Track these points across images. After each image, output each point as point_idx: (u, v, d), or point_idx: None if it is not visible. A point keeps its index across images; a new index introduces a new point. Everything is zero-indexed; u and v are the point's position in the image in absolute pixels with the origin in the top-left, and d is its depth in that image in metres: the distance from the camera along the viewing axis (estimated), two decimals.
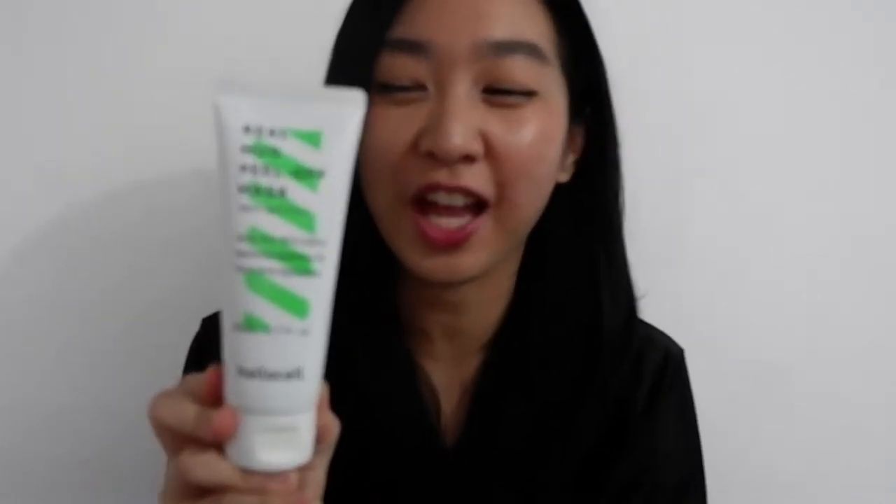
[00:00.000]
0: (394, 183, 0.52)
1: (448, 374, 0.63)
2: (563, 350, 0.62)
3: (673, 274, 0.84)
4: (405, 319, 0.63)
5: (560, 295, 0.62)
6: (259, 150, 0.36)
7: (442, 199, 0.52)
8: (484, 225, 0.53)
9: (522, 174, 0.53)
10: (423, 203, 0.52)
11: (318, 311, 0.37)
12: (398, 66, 0.52)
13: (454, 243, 0.53)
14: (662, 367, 0.65)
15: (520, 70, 0.52)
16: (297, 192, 0.36)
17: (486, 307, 0.62)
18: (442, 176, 0.51)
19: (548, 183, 0.56)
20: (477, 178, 0.52)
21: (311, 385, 0.38)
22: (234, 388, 0.37)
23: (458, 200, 0.52)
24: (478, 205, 0.53)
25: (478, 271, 0.55)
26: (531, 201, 0.55)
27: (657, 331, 0.68)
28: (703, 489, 0.68)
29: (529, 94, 0.52)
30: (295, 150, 0.36)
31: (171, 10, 0.76)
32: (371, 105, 0.49)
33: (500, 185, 0.52)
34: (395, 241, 0.55)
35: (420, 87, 0.52)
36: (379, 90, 0.52)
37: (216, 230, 0.37)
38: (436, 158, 0.50)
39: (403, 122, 0.52)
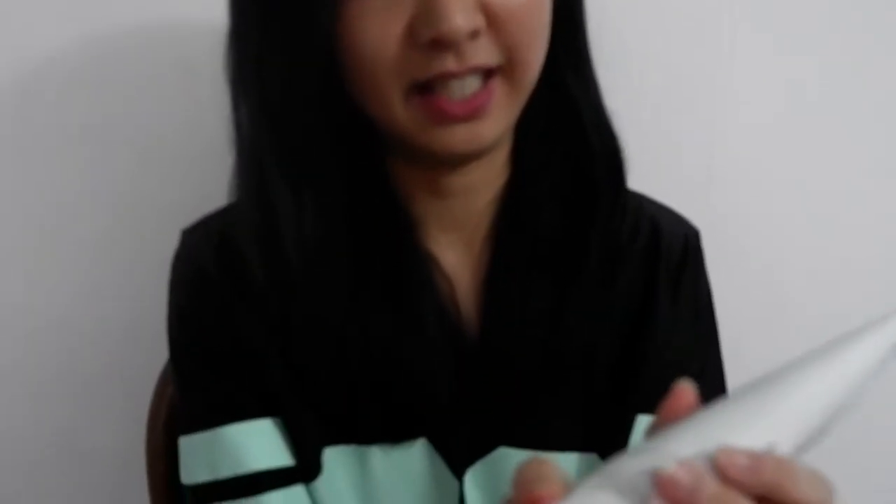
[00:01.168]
0: (396, 81, 0.50)
1: (460, 263, 0.63)
2: (562, 210, 0.62)
3: None
4: (410, 214, 0.61)
5: (546, 152, 0.62)
6: None
7: (455, 88, 0.50)
8: (498, 89, 0.52)
9: (529, 33, 0.51)
10: (432, 90, 0.50)
11: None
12: None
13: (473, 112, 0.51)
14: (683, 251, 0.65)
15: None
16: None
17: (489, 187, 0.62)
18: (450, 63, 0.49)
19: (548, 29, 0.54)
20: (486, 52, 0.50)
21: None
22: None
23: (473, 83, 0.50)
24: (486, 72, 0.51)
25: (498, 136, 0.54)
26: (539, 56, 0.53)
27: (671, 211, 0.68)
28: (722, 373, 0.68)
29: None
30: None
31: None
32: (344, 6, 0.48)
33: (510, 49, 0.50)
34: (407, 130, 0.52)
35: None
36: None
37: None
38: (438, 45, 0.48)
39: (389, 16, 0.49)
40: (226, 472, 0.59)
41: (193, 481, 0.60)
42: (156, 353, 0.67)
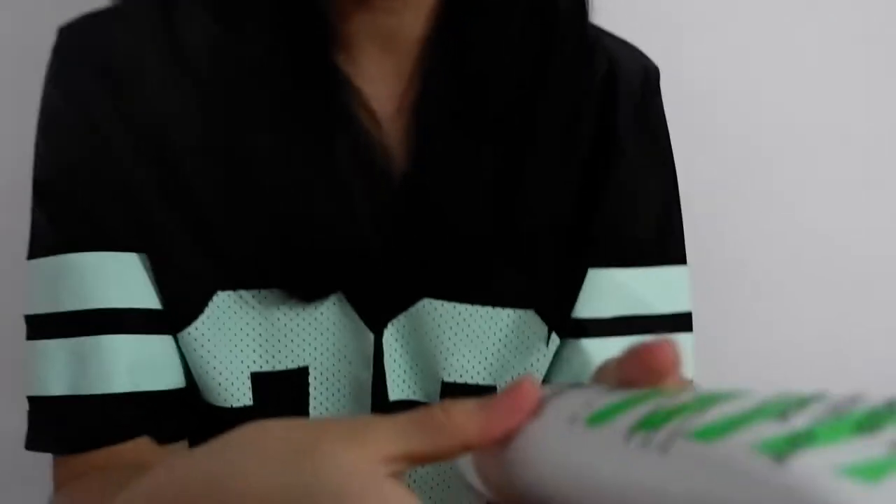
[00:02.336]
0: None
1: (387, 96, 0.58)
2: (512, 38, 0.56)
3: None
4: (330, 28, 0.55)
5: None
6: None
7: None
8: None
9: None
10: None
11: None
12: None
13: None
14: (643, 86, 0.62)
15: None
16: None
17: (423, 2, 0.56)
18: None
19: None
20: None
21: None
22: None
23: None
24: None
25: None
26: None
27: (627, 44, 0.64)
28: (681, 226, 0.65)
29: None
30: None
31: None
32: None
33: None
34: None
35: None
36: None
37: None
38: None
39: None
40: (68, 304, 0.54)
41: (33, 311, 0.55)
42: None
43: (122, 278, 0.56)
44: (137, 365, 0.56)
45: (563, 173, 0.60)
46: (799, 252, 0.99)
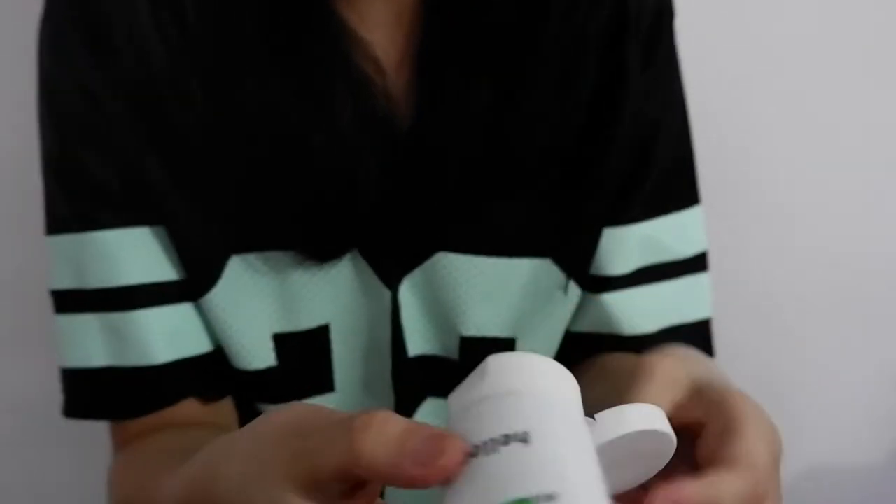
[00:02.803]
0: None
1: (390, 44, 0.57)
2: None
3: None
4: None
5: None
6: None
7: None
8: None
9: None
10: None
11: None
12: None
13: None
14: (655, 24, 0.60)
15: None
16: None
17: None
18: None
19: None
20: None
21: None
22: None
23: None
24: None
25: None
26: None
27: None
28: (694, 165, 0.64)
29: None
30: None
31: None
32: None
33: None
34: None
35: None
36: None
37: None
38: None
39: None
40: (94, 282, 0.55)
41: (58, 287, 0.56)
42: None
43: (141, 253, 0.56)
44: (172, 335, 0.57)
45: (571, 114, 0.58)
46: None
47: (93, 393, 0.59)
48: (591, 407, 0.35)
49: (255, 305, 0.58)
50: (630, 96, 0.59)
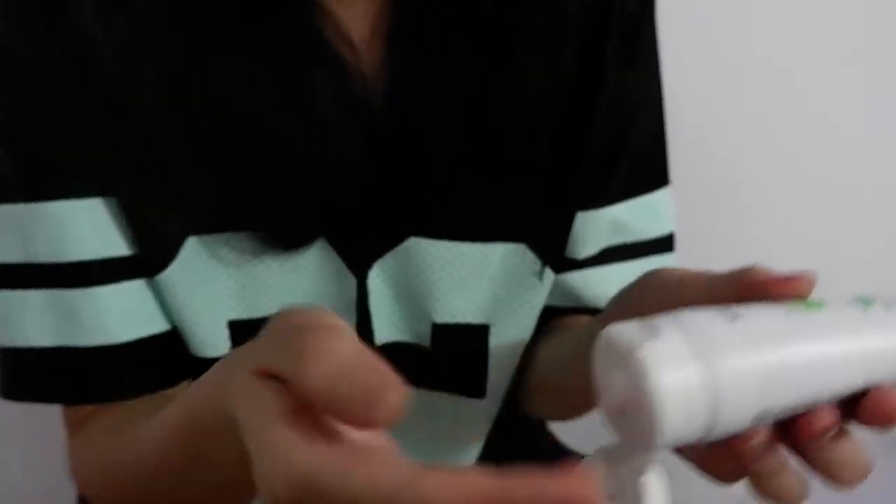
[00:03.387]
0: None
1: (362, 19, 0.55)
2: None
3: None
4: None
5: None
6: None
7: None
8: None
9: None
10: None
11: None
12: None
13: None
14: (638, 8, 0.60)
15: None
16: None
17: None
18: None
19: None
20: None
21: None
22: None
23: None
24: None
25: None
26: None
27: None
28: (665, 148, 0.64)
29: None
30: None
31: None
32: None
33: None
34: None
35: None
36: None
37: None
38: None
39: None
40: (44, 256, 0.52)
41: (2, 260, 0.53)
42: None
43: (95, 227, 0.53)
44: (131, 313, 0.55)
45: (550, 94, 0.57)
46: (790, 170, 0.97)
47: (33, 374, 0.55)
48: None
49: (211, 290, 0.55)
50: (611, 77, 0.58)
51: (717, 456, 0.35)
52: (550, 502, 0.26)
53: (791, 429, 0.35)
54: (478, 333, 0.60)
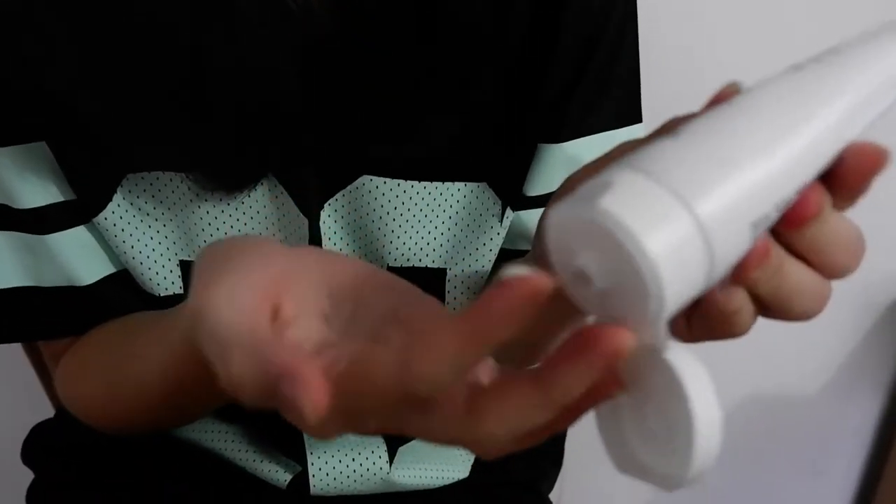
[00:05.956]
0: None
1: None
2: None
3: None
4: None
5: None
6: None
7: None
8: None
9: None
10: None
11: None
12: None
13: None
14: None
15: None
16: None
17: None
18: None
19: None
20: None
21: None
22: None
23: None
24: None
25: None
26: None
27: None
28: (639, 86, 0.61)
29: None
30: None
31: None
32: None
33: None
34: None
35: None
36: None
37: None
38: None
39: None
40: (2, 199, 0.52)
41: None
42: None
43: (40, 173, 0.52)
44: (88, 256, 0.55)
45: (508, 21, 0.53)
46: None
47: (7, 314, 0.56)
48: None
49: (157, 229, 0.54)
50: (571, 5, 0.54)
51: (720, 303, 0.30)
52: (503, 300, 0.25)
53: (782, 225, 0.30)
54: (434, 278, 0.57)
